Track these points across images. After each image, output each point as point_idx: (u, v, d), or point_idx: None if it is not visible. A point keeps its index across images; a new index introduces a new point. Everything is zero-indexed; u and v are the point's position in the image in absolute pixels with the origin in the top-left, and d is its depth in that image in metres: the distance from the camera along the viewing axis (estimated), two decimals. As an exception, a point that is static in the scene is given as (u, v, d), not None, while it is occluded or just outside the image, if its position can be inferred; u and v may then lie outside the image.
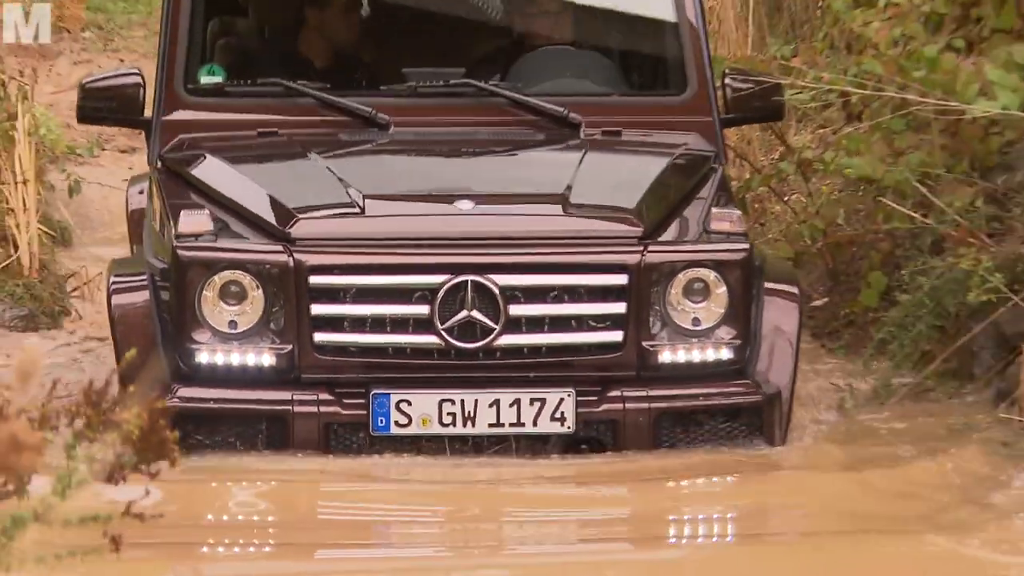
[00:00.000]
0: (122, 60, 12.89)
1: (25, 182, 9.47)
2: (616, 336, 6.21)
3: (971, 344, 8.02)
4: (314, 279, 6.13)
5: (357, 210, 6.34)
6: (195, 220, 6.21)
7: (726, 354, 6.31)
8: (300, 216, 6.31)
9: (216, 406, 6.19)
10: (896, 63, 8.12)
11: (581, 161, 6.89)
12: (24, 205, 9.47)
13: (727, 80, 7.33)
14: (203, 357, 6.16)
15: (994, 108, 7.73)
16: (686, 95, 7.24)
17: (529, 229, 6.40)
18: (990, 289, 7.67)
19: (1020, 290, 7.70)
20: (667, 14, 7.32)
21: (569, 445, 6.25)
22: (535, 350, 6.22)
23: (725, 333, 6.32)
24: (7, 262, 9.34)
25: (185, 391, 6.14)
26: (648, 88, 7.63)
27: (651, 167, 7.03)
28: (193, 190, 6.72)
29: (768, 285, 6.58)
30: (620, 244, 6.30)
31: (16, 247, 9.39)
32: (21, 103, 9.88)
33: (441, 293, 6.08)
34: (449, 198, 6.53)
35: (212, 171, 6.82)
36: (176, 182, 6.87)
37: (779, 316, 6.56)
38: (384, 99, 7.13)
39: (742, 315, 6.36)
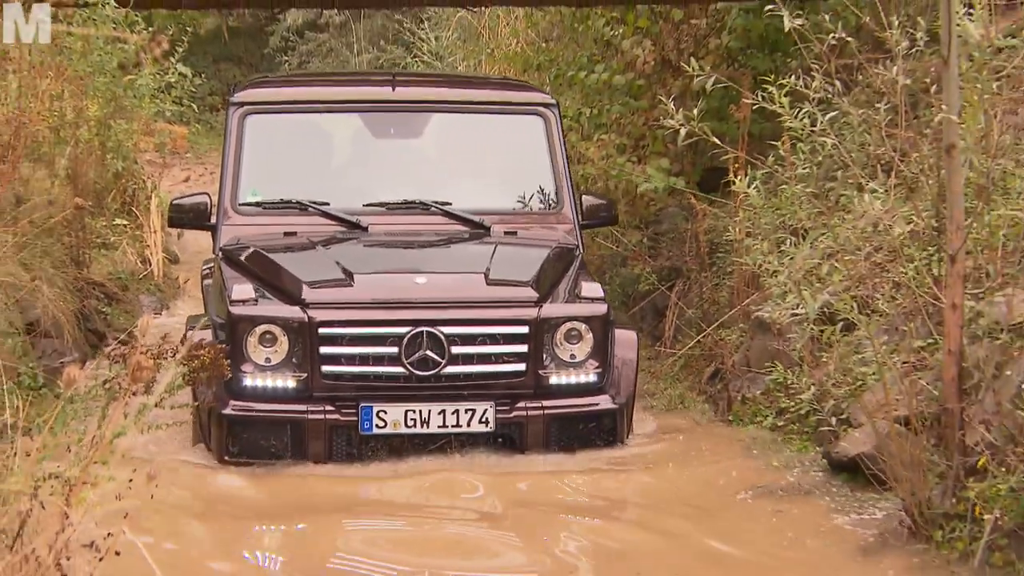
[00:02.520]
0: (206, 168, 15.68)
1: (155, 232, 14.03)
2: (521, 367, 8.28)
3: (640, 313, 12.26)
4: (322, 330, 8.07)
5: (349, 283, 8.27)
6: (243, 290, 8.14)
7: (593, 377, 8.45)
8: (310, 287, 8.21)
9: (257, 414, 8.09)
10: (602, 167, 12.69)
11: (494, 250, 8.94)
12: (155, 244, 13.91)
13: (583, 198, 9.70)
14: (247, 381, 8.06)
15: (651, 186, 11.89)
16: (559, 209, 9.62)
17: (463, 296, 8.34)
18: (650, 284, 11.97)
19: (667, 284, 11.83)
20: (546, 163, 9.64)
21: (490, 442, 8.24)
22: (468, 376, 8.18)
23: (591, 364, 8.43)
24: (145, 273, 13.66)
25: (236, 403, 8.06)
26: (534, 204, 9.69)
27: (539, 254, 8.98)
28: (241, 270, 8.60)
29: (617, 331, 8.70)
30: (523, 305, 8.30)
31: (151, 265, 13.85)
32: (153, 190, 14.72)
33: (406, 339, 8.07)
34: (409, 274, 8.57)
35: (254, 258, 8.75)
36: (230, 265, 8.76)
37: (624, 351, 8.61)
38: (364, 211, 9.23)
39: (603, 351, 8.43)
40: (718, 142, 8.02)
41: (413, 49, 20.16)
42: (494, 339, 8.19)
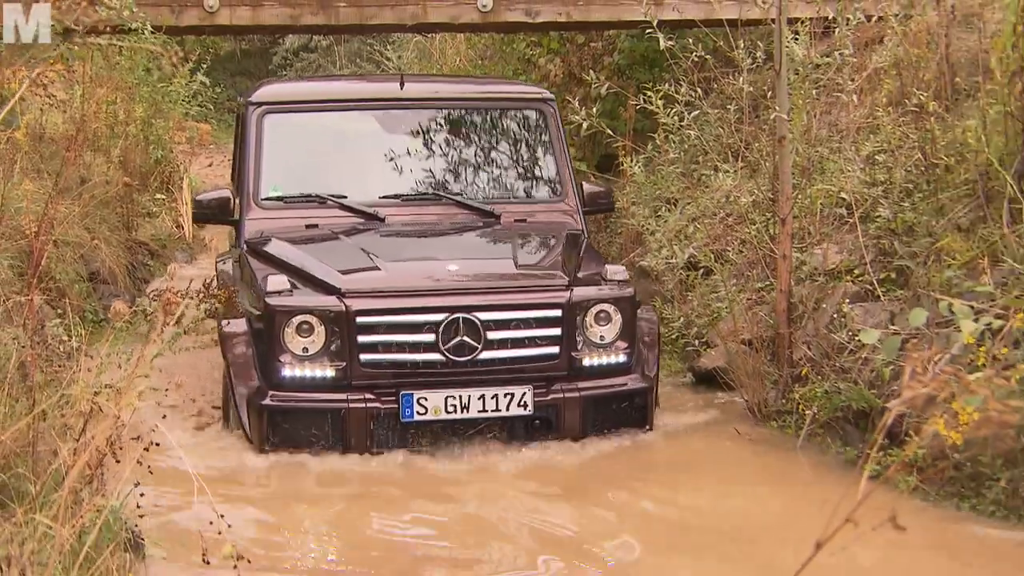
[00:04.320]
0: (224, 156, 14.24)
1: (186, 204, 13.08)
2: (554, 349, 6.49)
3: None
4: (359, 319, 6.33)
5: (383, 272, 6.53)
6: (278, 281, 6.43)
7: (622, 358, 6.63)
8: (346, 277, 6.50)
9: (297, 404, 6.33)
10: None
11: (513, 237, 7.24)
12: (186, 213, 13.12)
13: (584, 187, 7.88)
14: (286, 372, 6.32)
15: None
16: (562, 197, 7.76)
17: (497, 281, 6.60)
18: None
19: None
20: (548, 153, 7.90)
21: (528, 424, 6.46)
22: (503, 360, 6.41)
23: (620, 345, 6.62)
24: (180, 235, 13.20)
25: (275, 394, 6.34)
26: (538, 193, 7.88)
27: (555, 240, 7.25)
28: (270, 263, 6.87)
29: (640, 313, 6.89)
30: (555, 289, 6.55)
31: (183, 229, 13.36)
32: (185, 172, 14.19)
33: (442, 325, 6.34)
34: (441, 261, 6.76)
35: (282, 250, 6.99)
36: (258, 258, 7.01)
37: (647, 334, 6.88)
38: (380, 203, 7.43)
39: (631, 332, 6.66)
40: (611, 134, 8.12)
41: (382, 66, 20.06)
42: (527, 323, 6.50)
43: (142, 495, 4.34)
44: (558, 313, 6.51)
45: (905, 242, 6.95)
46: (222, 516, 3.81)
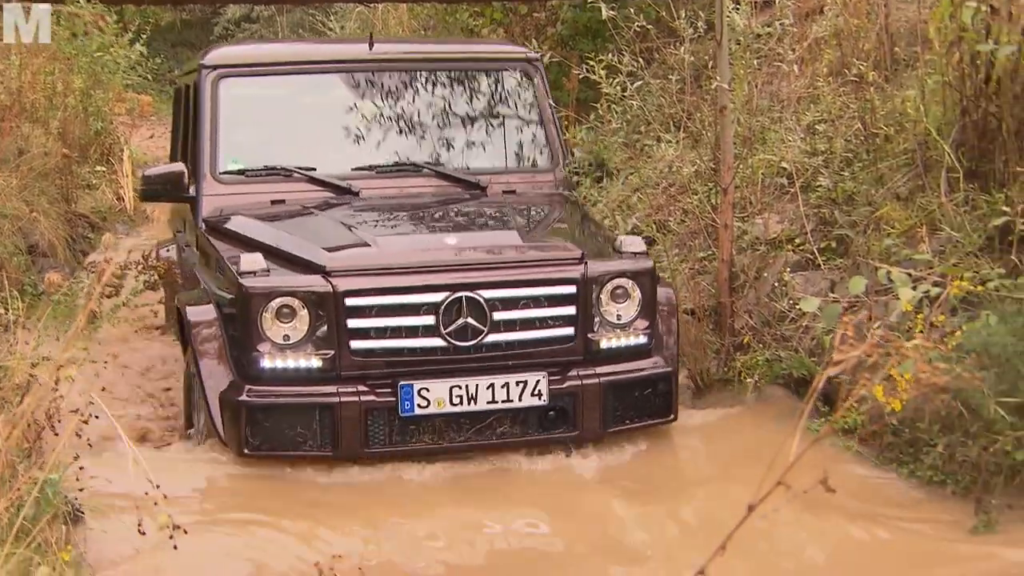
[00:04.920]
0: (166, 128, 14.03)
1: (127, 176, 13.27)
2: (569, 331, 5.79)
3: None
4: (349, 300, 5.58)
5: (373, 247, 5.77)
6: (252, 260, 5.65)
7: (643, 340, 5.94)
8: (331, 253, 5.74)
9: (280, 400, 5.56)
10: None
11: (506, 209, 6.55)
12: (127, 185, 13.17)
13: (575, 153, 7.36)
14: (264, 363, 5.56)
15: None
16: (553, 165, 7.13)
17: (502, 256, 5.83)
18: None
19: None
20: (535, 118, 7.25)
21: (542, 416, 5.71)
22: (512, 345, 5.70)
23: (640, 324, 5.93)
24: (120, 208, 13.12)
25: (253, 389, 5.57)
26: (527, 161, 7.22)
27: (554, 211, 6.69)
28: (237, 242, 6.16)
29: (658, 290, 6.13)
30: (568, 264, 5.84)
31: (124, 201, 13.23)
32: (125, 144, 14.15)
33: (443, 306, 5.61)
34: (436, 235, 6.05)
35: (249, 227, 6.28)
36: (221, 237, 6.32)
37: (666, 311, 6.17)
38: (353, 175, 6.74)
39: (651, 310, 5.95)
40: (555, 104, 8.07)
41: (324, 36, 19.91)
42: (538, 302, 5.76)
43: (81, 468, 4.33)
44: (572, 289, 5.81)
45: (845, 211, 7.01)
46: (158, 486, 3.79)
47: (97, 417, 4.26)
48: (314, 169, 6.75)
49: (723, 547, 1.73)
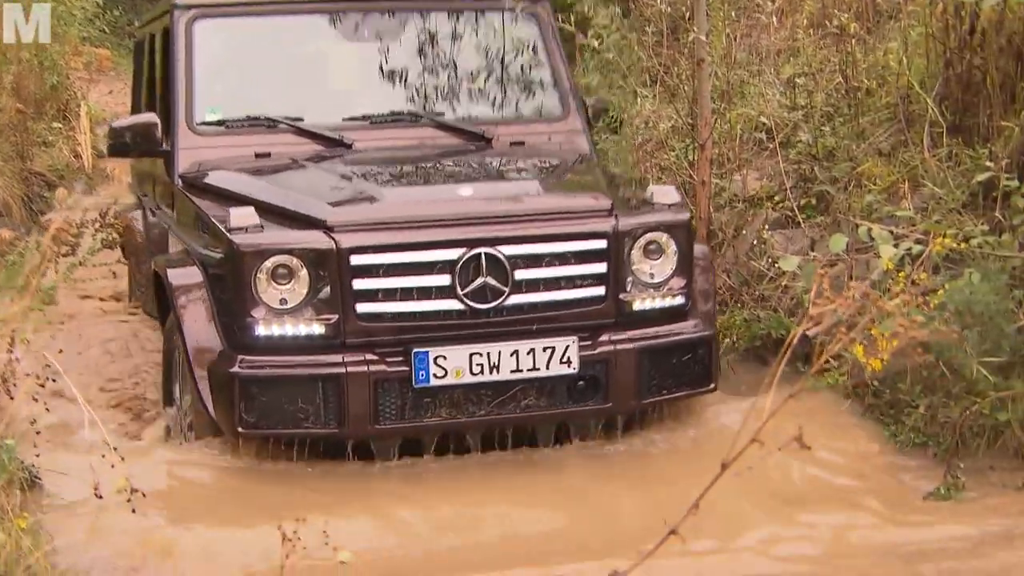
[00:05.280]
0: (125, 84, 13.87)
1: (85, 133, 13.27)
2: (599, 291, 5.37)
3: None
4: (354, 259, 5.14)
5: (379, 200, 5.33)
6: (244, 215, 5.21)
7: (679, 300, 5.52)
8: (333, 207, 5.31)
9: (278, 371, 5.10)
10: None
11: (518, 160, 6.21)
12: (85, 143, 13.17)
13: (587, 103, 6.86)
14: (260, 330, 5.10)
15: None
16: (564, 115, 6.69)
17: (525, 208, 5.40)
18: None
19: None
20: (544, 64, 6.79)
21: (571, 386, 5.29)
22: (536, 307, 5.27)
23: (676, 284, 5.52)
24: (78, 166, 12.93)
25: (248, 359, 5.11)
26: (535, 111, 6.76)
27: (570, 162, 6.30)
28: (221, 198, 5.71)
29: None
30: (597, 216, 5.42)
31: (81, 159, 13.10)
32: (83, 100, 13.93)
33: (460, 264, 5.17)
34: (449, 186, 5.68)
35: (235, 181, 5.85)
36: (203, 194, 5.90)
37: (702, 271, 5.76)
38: (345, 126, 6.33)
39: (687, 268, 5.55)
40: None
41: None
42: (565, 258, 5.32)
43: (38, 433, 4.32)
44: (603, 244, 5.35)
45: (825, 167, 7.02)
46: (115, 449, 3.77)
47: (55, 380, 4.25)
48: (301, 119, 6.33)
49: (696, 506, 1.74)
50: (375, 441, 5.24)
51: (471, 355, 5.11)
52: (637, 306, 5.41)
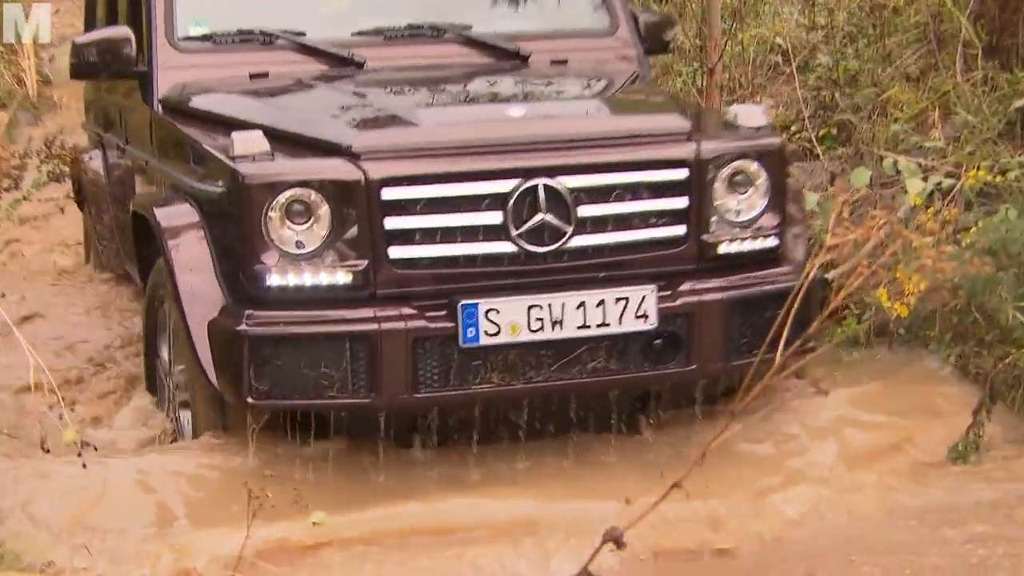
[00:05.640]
0: (74, 3, 13.01)
1: (28, 57, 13.00)
2: (679, 230, 4.83)
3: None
4: (386, 192, 4.57)
5: (413, 122, 4.75)
6: (250, 140, 4.63)
7: (771, 242, 4.99)
8: (362, 130, 4.75)
9: (295, 329, 4.52)
10: None
11: (566, 79, 5.84)
12: (29, 68, 13.00)
13: (640, 17, 6.34)
14: (272, 279, 4.54)
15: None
16: (613, 31, 6.17)
17: (590, 130, 4.88)
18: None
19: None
20: None
21: (647, 345, 4.74)
22: (603, 250, 4.75)
23: (768, 222, 4.97)
24: (23, 92, 12.78)
25: (257, 315, 4.51)
26: (577, 24, 6.24)
27: (628, 82, 5.82)
28: (214, 123, 5.18)
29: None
30: (675, 140, 4.88)
31: (25, 86, 12.95)
32: (27, 20, 13.62)
33: (513, 199, 4.61)
34: (496, 106, 5.22)
35: (230, 104, 5.34)
36: (190, 120, 5.38)
37: (796, 207, 5.29)
38: (355, 42, 5.82)
39: (781, 204, 5.03)
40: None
41: None
42: (636, 191, 4.74)
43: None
44: (683, 174, 4.78)
45: (847, 94, 6.99)
46: (62, 400, 3.74)
47: None
48: (303, 34, 5.74)
49: (702, 458, 1.72)
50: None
51: (529, 307, 4.55)
52: (723, 249, 4.86)
